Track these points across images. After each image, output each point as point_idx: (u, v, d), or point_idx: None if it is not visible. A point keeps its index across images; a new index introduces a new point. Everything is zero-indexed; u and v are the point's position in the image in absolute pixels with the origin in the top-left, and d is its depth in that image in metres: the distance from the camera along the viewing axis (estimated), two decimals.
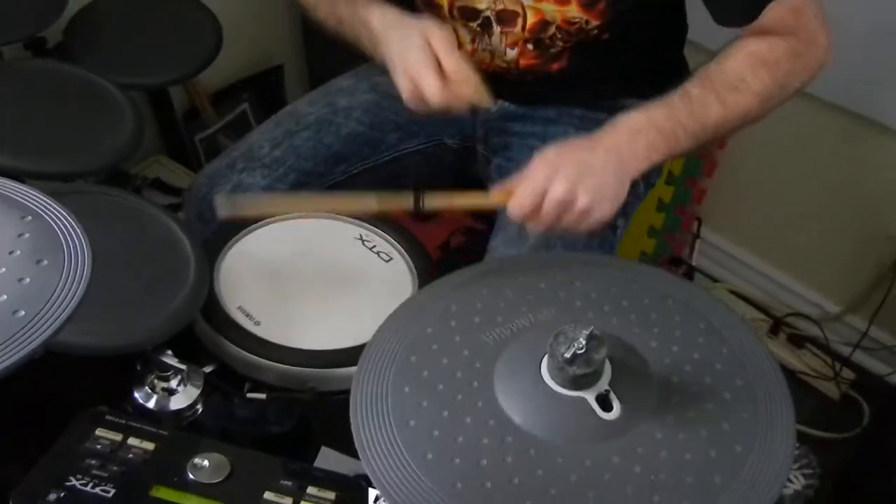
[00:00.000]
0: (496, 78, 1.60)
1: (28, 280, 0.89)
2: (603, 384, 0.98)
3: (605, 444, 0.96)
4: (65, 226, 0.95)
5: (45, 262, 0.91)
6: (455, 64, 1.46)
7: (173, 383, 1.39)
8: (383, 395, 1.01)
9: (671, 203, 2.81)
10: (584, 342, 0.95)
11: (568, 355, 0.95)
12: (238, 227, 1.65)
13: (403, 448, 0.96)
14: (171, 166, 2.73)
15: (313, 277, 1.59)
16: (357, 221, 1.69)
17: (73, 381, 1.59)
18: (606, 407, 0.98)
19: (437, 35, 1.47)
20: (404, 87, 1.49)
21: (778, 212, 2.89)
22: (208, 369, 1.43)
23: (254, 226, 1.67)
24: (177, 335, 1.39)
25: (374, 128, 1.83)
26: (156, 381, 1.39)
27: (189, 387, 1.40)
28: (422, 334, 1.09)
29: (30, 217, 0.96)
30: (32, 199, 0.98)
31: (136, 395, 1.39)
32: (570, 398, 0.98)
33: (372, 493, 1.14)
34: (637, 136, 1.40)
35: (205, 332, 1.46)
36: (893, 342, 2.82)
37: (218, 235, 1.64)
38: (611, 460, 0.95)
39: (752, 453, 0.96)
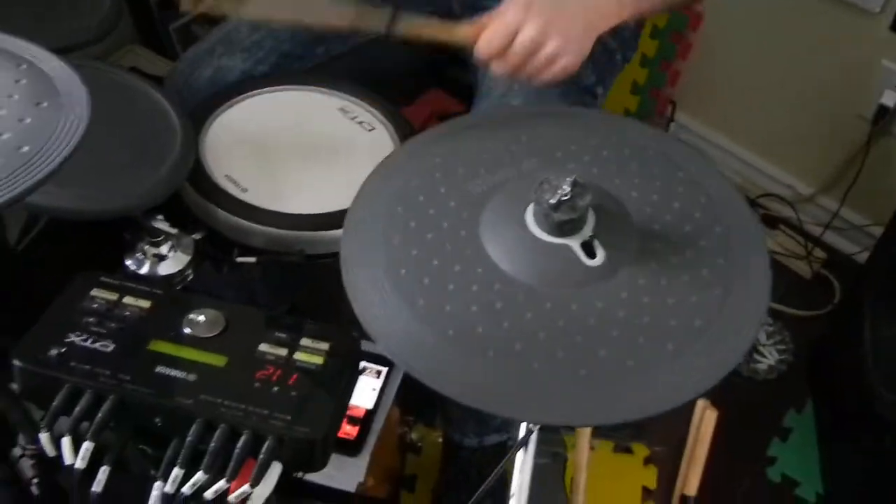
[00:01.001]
0: None
1: (29, 120, 0.92)
2: (587, 232, 1.01)
3: (591, 290, 0.98)
4: (61, 73, 0.98)
5: (45, 104, 0.94)
6: None
7: (164, 249, 1.41)
8: (373, 244, 1.04)
9: (645, 85, 2.84)
10: (568, 189, 0.97)
11: (553, 202, 0.97)
12: (222, 99, 1.67)
13: (395, 296, 0.98)
14: (146, 55, 2.73)
15: (298, 147, 1.61)
16: (340, 94, 1.72)
17: (65, 255, 1.63)
18: (591, 254, 1.00)
19: None
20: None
21: (751, 94, 2.91)
22: (198, 236, 1.45)
23: (237, 98, 1.69)
24: (165, 205, 1.42)
25: None
26: (146, 247, 1.42)
27: (179, 253, 1.43)
28: (407, 186, 1.11)
29: (25, 66, 0.99)
30: (27, 50, 1.00)
31: (128, 262, 1.42)
32: (556, 245, 1.00)
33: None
34: None
35: (193, 200, 1.48)
36: (863, 222, 2.87)
37: (202, 107, 1.66)
38: (596, 305, 0.97)
39: (730, 296, 0.99)
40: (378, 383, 1.72)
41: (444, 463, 2.30)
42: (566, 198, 0.97)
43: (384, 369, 1.73)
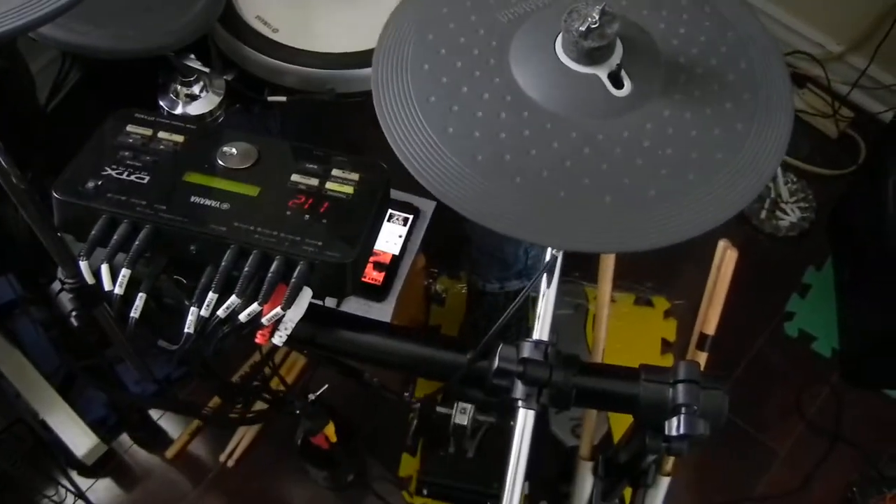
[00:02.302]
0: None
1: None
2: (614, 61, 1.02)
3: (617, 120, 1.00)
4: None
5: None
6: None
7: (196, 89, 1.43)
8: (403, 71, 1.05)
9: None
10: (596, 17, 0.98)
11: (582, 28, 0.98)
12: None
13: (425, 122, 1.00)
14: None
15: None
16: None
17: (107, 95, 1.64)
18: (618, 84, 1.02)
19: None
20: None
21: None
22: (229, 76, 1.47)
23: None
24: (197, 46, 1.43)
25: None
26: (179, 87, 1.44)
27: (210, 93, 1.45)
28: (437, 13, 1.11)
29: None
30: None
31: (161, 102, 1.44)
32: (584, 75, 1.02)
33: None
34: None
35: (224, 41, 1.50)
36: (892, 81, 2.85)
37: None
38: (622, 135, 0.99)
39: (751, 133, 1.01)
40: (404, 230, 1.75)
41: (467, 311, 2.34)
42: (595, 25, 0.98)
43: (410, 216, 1.76)
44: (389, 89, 1.04)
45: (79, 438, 2.22)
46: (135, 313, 1.14)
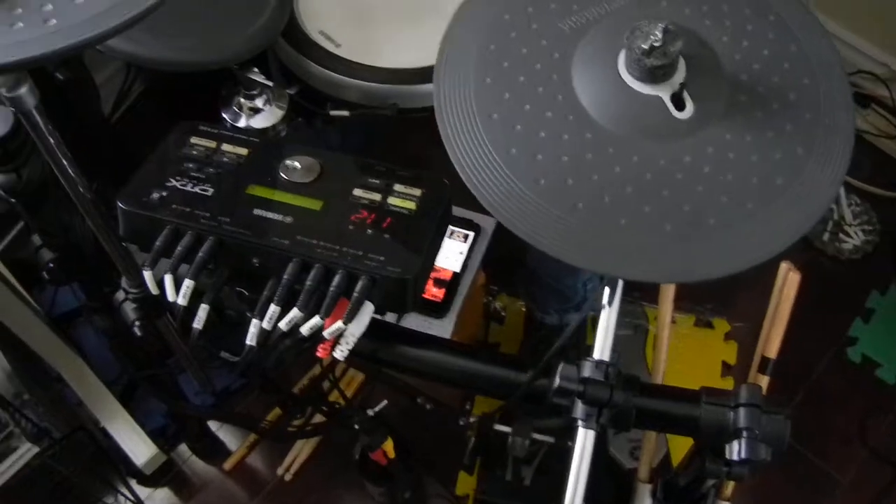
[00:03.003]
0: None
1: None
2: (677, 79, 1.01)
3: (679, 144, 0.99)
4: None
5: None
6: None
7: (259, 102, 1.45)
8: (466, 84, 1.04)
9: None
10: (659, 35, 0.97)
11: (645, 47, 0.98)
12: None
13: (489, 142, 0.99)
14: None
15: (392, 2, 1.62)
16: None
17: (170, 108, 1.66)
18: (680, 106, 1.01)
19: None
20: None
21: None
22: (292, 90, 1.48)
23: None
24: (260, 60, 1.45)
25: None
26: (242, 100, 1.45)
27: (273, 107, 1.46)
28: (499, 20, 1.09)
29: None
30: None
31: (224, 115, 1.46)
32: (646, 96, 1.00)
33: None
34: None
35: (288, 55, 1.51)
36: None
37: None
38: (683, 160, 0.98)
39: (812, 156, 0.99)
40: (465, 247, 1.75)
41: (525, 335, 2.33)
42: (658, 44, 0.97)
43: (471, 234, 1.76)
44: (452, 104, 1.03)
45: (138, 448, 2.23)
46: (197, 324, 1.14)
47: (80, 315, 2.29)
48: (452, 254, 1.75)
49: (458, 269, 1.73)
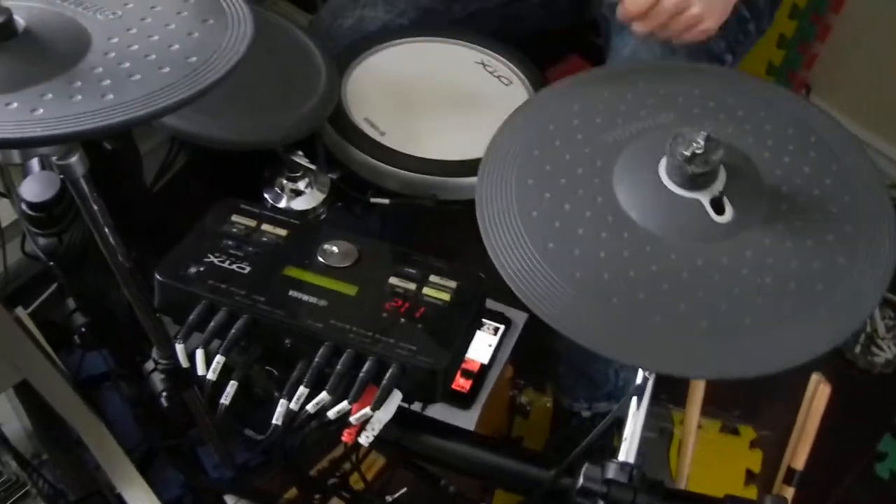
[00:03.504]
0: None
1: (196, 34, 0.97)
2: (717, 187, 1.02)
3: (717, 246, 1.00)
4: None
5: (211, 22, 0.99)
6: None
7: (301, 185, 1.47)
8: (508, 185, 1.06)
9: (781, 67, 2.81)
10: (701, 143, 0.99)
11: (687, 153, 0.99)
12: (366, 45, 1.72)
13: (526, 236, 1.01)
14: (287, 9, 2.79)
15: (436, 95, 1.64)
16: (479, 47, 1.75)
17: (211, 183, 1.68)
18: (719, 210, 1.01)
19: None
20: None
21: (889, 82, 2.85)
22: (334, 175, 1.50)
23: (381, 45, 1.73)
24: (304, 143, 1.47)
25: None
26: (284, 181, 1.47)
27: (315, 190, 1.48)
28: (545, 130, 1.12)
29: None
30: None
31: (266, 195, 1.48)
32: (686, 199, 1.01)
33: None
34: None
35: (332, 140, 1.53)
36: None
37: (346, 52, 1.71)
38: (720, 261, 0.99)
39: (852, 267, 0.99)
40: (494, 340, 1.76)
41: (551, 429, 2.32)
42: (699, 151, 0.99)
43: (501, 327, 1.77)
44: (493, 201, 1.05)
45: None
46: (225, 400, 1.15)
47: (105, 380, 2.29)
48: (482, 345, 1.75)
49: (486, 361, 1.74)
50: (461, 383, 1.69)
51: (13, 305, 2.09)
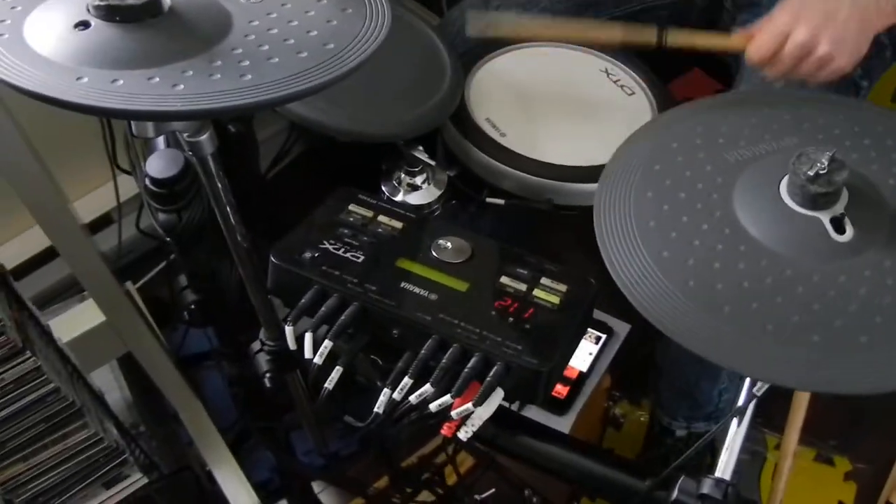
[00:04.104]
0: None
1: (335, 22, 0.99)
2: (838, 208, 1.01)
3: (835, 264, 0.98)
4: None
5: (350, 11, 1.01)
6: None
7: (418, 180, 1.48)
8: (627, 196, 1.06)
9: None
10: (825, 163, 0.98)
11: (811, 173, 0.98)
12: (490, 48, 1.72)
13: (642, 246, 1.01)
14: (416, 9, 2.80)
15: (558, 100, 1.64)
16: (604, 56, 1.75)
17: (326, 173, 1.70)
18: (840, 230, 1.00)
19: None
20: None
21: None
22: (452, 172, 1.51)
23: (505, 48, 1.73)
24: (427, 138, 1.48)
25: None
26: (402, 175, 1.49)
27: (432, 186, 1.49)
28: (667, 147, 1.13)
29: None
30: None
31: (384, 187, 1.50)
32: (806, 217, 1.01)
33: None
34: None
35: (453, 138, 1.54)
36: None
37: (471, 53, 1.71)
38: (838, 279, 0.97)
39: None
40: (595, 349, 1.75)
41: (644, 445, 2.31)
42: (823, 171, 0.98)
43: (603, 336, 1.77)
44: (612, 209, 1.05)
45: (241, 496, 2.25)
46: (329, 385, 1.17)
47: (206, 359, 2.34)
48: (582, 353, 1.75)
49: (585, 369, 1.73)
50: (559, 389, 1.69)
51: (123, 280, 2.14)
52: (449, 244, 1.25)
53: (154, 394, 2.10)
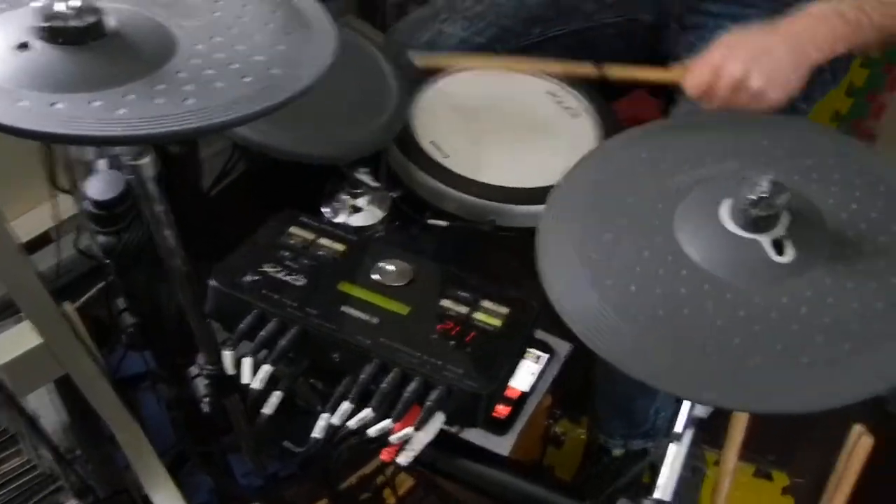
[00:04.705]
0: None
1: (282, 47, 0.98)
2: (779, 230, 1.01)
3: (776, 286, 0.99)
4: (311, 9, 1.05)
5: (296, 35, 1.01)
6: None
7: (360, 202, 1.47)
8: (571, 223, 1.06)
9: (847, 115, 2.78)
10: (766, 186, 0.98)
11: (753, 197, 0.98)
12: (433, 70, 1.72)
13: (584, 274, 1.01)
14: (361, 27, 2.80)
15: (503, 122, 1.65)
16: (549, 78, 1.75)
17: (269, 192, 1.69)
18: (780, 251, 1.01)
19: None
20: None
21: None
22: (395, 194, 1.51)
23: (449, 70, 1.73)
24: (368, 159, 1.48)
25: None
26: (345, 197, 1.48)
27: (375, 207, 1.48)
28: (610, 173, 1.13)
29: None
30: None
31: (325, 209, 1.49)
32: (746, 240, 1.01)
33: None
34: (819, 23, 1.41)
35: (396, 159, 1.54)
36: None
37: (417, 73, 1.70)
38: (780, 300, 0.98)
39: None
40: (537, 369, 1.75)
41: (583, 462, 2.31)
42: (765, 195, 0.98)
43: (545, 356, 1.76)
44: (555, 236, 1.06)
45: None
46: (268, 410, 1.16)
47: (143, 381, 2.31)
48: (523, 373, 1.74)
49: (526, 389, 1.73)
50: (500, 409, 1.68)
51: (62, 300, 2.11)
52: (390, 267, 1.24)
53: (91, 416, 2.07)
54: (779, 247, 1.01)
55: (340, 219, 1.47)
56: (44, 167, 1.89)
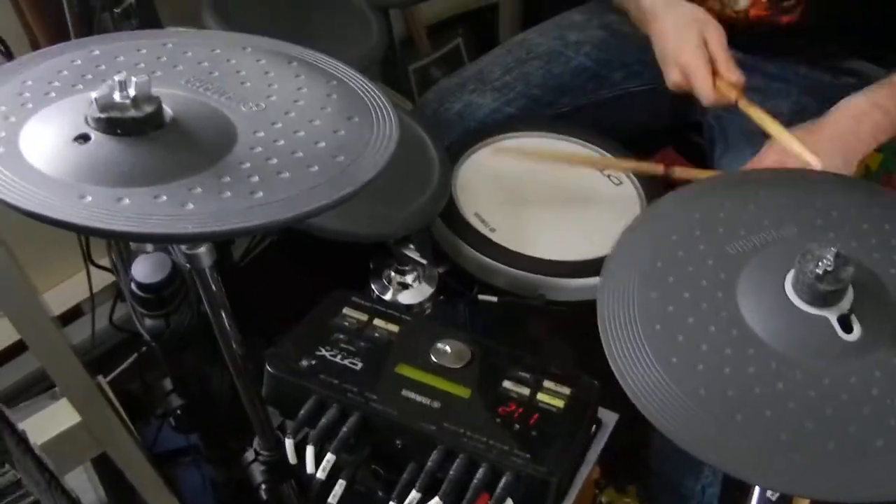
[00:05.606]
0: (723, 27, 1.61)
1: (342, 132, 0.97)
2: (844, 305, 0.99)
3: (844, 365, 0.97)
4: (367, 90, 1.04)
5: (356, 119, 0.99)
6: (730, 70, 1.52)
7: (408, 278, 1.46)
8: (630, 298, 1.04)
9: (878, 171, 2.77)
10: (831, 260, 0.97)
11: (819, 271, 0.97)
12: (476, 137, 1.72)
13: (650, 351, 0.99)
14: (393, 96, 2.80)
15: (546, 193, 1.63)
16: (591, 145, 1.75)
17: (315, 270, 1.68)
18: (847, 328, 0.99)
19: (715, 36, 1.53)
20: (673, 80, 1.56)
21: None
22: (442, 269, 1.49)
23: (489, 139, 1.73)
24: (415, 236, 1.47)
25: (600, 64, 1.88)
26: (392, 274, 1.46)
27: (423, 284, 1.47)
28: (667, 240, 1.10)
29: (335, 82, 1.05)
30: (335, 68, 1.08)
31: (373, 286, 1.47)
32: (813, 316, 0.99)
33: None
34: (860, 120, 1.44)
35: (442, 234, 1.52)
36: None
37: (457, 144, 1.71)
38: (849, 380, 0.96)
39: None
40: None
41: None
42: (830, 269, 0.97)
43: (593, 427, 1.75)
44: (616, 313, 1.03)
45: None
46: (333, 500, 1.14)
47: (182, 455, 2.29)
48: None
49: None
50: None
51: (94, 373, 2.09)
52: (448, 348, 1.23)
53: (129, 492, 2.05)
54: (845, 324, 0.99)
55: (388, 296, 1.46)
56: (78, 241, 1.89)
